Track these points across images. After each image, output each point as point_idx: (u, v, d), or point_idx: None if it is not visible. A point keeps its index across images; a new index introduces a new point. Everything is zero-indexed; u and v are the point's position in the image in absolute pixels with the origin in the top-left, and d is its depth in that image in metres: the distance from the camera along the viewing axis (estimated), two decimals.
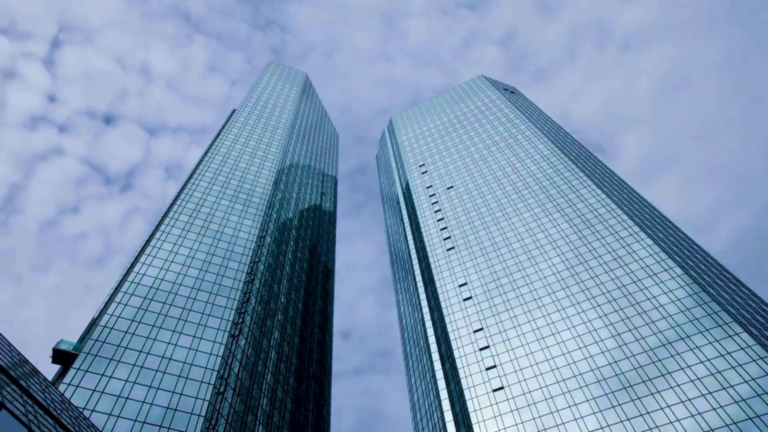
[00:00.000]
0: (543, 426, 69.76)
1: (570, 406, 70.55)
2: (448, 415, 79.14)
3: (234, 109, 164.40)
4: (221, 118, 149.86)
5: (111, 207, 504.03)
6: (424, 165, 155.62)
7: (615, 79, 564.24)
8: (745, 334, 67.76)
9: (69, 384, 60.90)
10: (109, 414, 59.38)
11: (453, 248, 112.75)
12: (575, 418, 68.76)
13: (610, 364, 73.29)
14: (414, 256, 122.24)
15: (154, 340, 71.39)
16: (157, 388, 64.82)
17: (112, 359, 66.10)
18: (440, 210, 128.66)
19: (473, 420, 74.61)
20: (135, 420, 60.08)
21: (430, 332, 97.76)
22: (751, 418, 58.82)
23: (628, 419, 65.48)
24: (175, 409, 63.03)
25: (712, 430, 59.72)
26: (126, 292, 76.96)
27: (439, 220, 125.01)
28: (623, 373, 71.24)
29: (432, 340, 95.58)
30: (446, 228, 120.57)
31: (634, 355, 72.63)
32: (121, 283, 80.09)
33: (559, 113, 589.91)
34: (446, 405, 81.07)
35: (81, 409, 56.89)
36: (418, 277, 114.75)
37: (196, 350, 72.30)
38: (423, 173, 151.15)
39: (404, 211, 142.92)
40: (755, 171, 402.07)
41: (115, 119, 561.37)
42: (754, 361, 64.25)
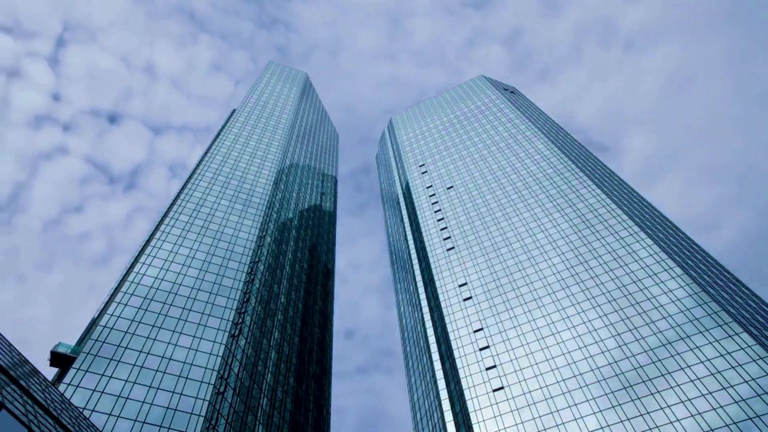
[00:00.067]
0: (543, 426, 69.75)
1: (570, 406, 70.54)
2: (448, 415, 79.12)
3: (234, 109, 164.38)
4: (225, 117, 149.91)
5: (115, 206, 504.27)
6: (424, 165, 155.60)
7: (619, 78, 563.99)
8: (745, 334, 67.76)
9: (69, 384, 60.89)
10: (109, 414, 59.38)
11: (453, 248, 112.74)
12: (575, 418, 68.75)
13: (610, 364, 73.28)
14: (414, 256, 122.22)
15: (154, 340, 71.39)
16: (157, 388, 64.82)
17: (112, 359, 66.10)
18: (440, 210, 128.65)
19: (473, 420, 74.60)
20: (135, 420, 60.08)
21: (430, 332, 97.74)
22: (751, 418, 58.81)
23: (628, 419, 65.47)
24: (175, 409, 63.04)
25: (712, 430, 59.72)
26: (126, 292, 76.96)
27: (439, 220, 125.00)
28: (623, 373, 71.23)
29: (432, 340, 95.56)
30: (446, 228, 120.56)
31: (634, 355, 72.63)
32: (121, 283, 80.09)
33: (564, 112, 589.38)
34: (446, 405, 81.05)
35: (81, 409, 56.87)
36: (418, 277, 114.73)
37: (196, 350, 72.31)
38: (423, 173, 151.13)
39: (404, 211, 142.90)
40: (759, 170, 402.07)
41: (120, 118, 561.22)
42: (754, 361, 64.26)
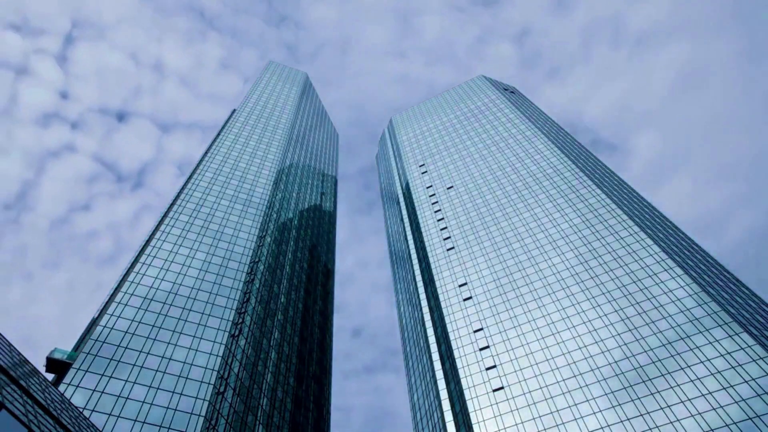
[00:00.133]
0: (543, 426, 69.72)
1: (570, 406, 70.52)
2: (448, 415, 79.10)
3: (234, 109, 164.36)
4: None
5: (122, 205, 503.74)
6: (424, 165, 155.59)
7: (628, 77, 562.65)
8: (745, 334, 67.75)
9: (69, 384, 60.86)
10: (109, 414, 59.35)
11: (453, 248, 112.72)
12: (575, 418, 68.73)
13: (611, 364, 73.26)
14: (414, 256, 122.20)
15: (154, 340, 71.36)
16: (157, 388, 64.79)
17: (112, 359, 66.06)
18: (440, 210, 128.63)
19: (473, 420, 74.57)
20: (135, 420, 60.05)
21: (430, 332, 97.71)
22: (751, 418, 58.80)
23: (629, 419, 65.45)
24: (175, 409, 63.00)
25: (713, 430, 59.70)
26: (126, 292, 76.93)
27: (439, 220, 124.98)
28: (623, 373, 71.21)
29: (432, 340, 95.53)
30: (446, 228, 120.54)
31: (634, 355, 72.61)
32: (121, 284, 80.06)
33: (573, 111, 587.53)
34: (446, 405, 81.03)
35: (81, 409, 56.83)
36: (418, 277, 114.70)
37: (196, 350, 72.27)
38: (423, 173, 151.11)
39: (404, 211, 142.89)
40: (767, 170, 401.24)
41: (128, 116, 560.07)
42: (755, 361, 64.24)
